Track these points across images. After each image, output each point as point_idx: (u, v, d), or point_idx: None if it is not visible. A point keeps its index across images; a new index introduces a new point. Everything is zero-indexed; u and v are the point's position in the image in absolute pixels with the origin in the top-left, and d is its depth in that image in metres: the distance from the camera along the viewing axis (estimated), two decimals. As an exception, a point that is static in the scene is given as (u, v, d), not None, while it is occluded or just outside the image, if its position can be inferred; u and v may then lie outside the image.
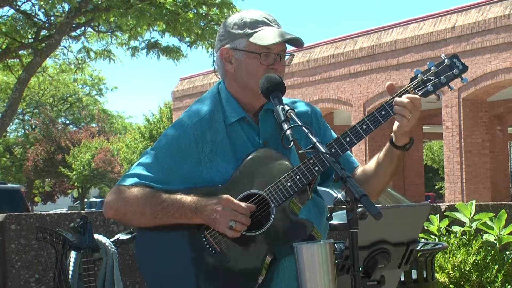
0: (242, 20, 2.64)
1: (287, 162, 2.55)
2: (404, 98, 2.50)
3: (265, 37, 2.58)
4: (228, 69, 2.66)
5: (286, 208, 2.51)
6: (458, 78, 2.57)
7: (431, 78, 2.54)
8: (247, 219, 2.46)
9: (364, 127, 2.52)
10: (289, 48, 2.71)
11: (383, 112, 2.53)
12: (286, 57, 2.65)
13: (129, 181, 2.59)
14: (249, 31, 2.61)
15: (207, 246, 2.52)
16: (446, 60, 2.56)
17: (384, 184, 2.68)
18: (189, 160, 2.58)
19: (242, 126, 2.64)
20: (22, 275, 5.44)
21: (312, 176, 2.51)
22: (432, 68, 2.55)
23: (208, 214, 2.48)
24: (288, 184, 2.49)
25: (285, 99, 2.72)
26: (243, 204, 2.47)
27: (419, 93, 2.54)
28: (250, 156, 2.57)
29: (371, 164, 2.68)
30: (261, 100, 2.63)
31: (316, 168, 2.50)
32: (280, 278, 2.58)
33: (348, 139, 2.53)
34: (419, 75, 2.55)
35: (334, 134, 2.74)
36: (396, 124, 2.56)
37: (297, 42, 2.62)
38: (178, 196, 2.52)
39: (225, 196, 2.48)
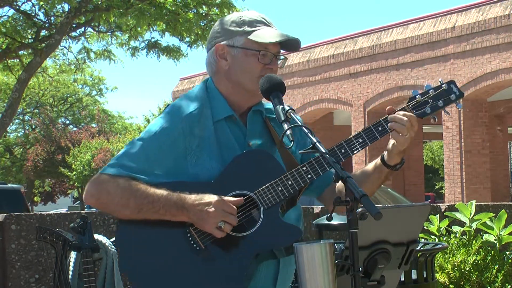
0: (240, 18, 2.65)
1: (278, 166, 2.55)
2: (401, 115, 2.52)
3: (265, 35, 2.59)
4: (222, 66, 2.65)
5: (275, 212, 2.51)
6: (454, 104, 2.62)
7: (429, 100, 2.58)
8: (236, 220, 2.46)
9: (360, 140, 2.54)
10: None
11: (379, 128, 2.55)
12: (280, 60, 2.66)
13: (114, 171, 2.53)
14: (248, 29, 2.62)
15: (192, 242, 2.50)
16: (444, 85, 2.61)
17: (369, 194, 2.68)
18: (176, 153, 2.55)
19: (229, 124, 2.62)
20: (22, 275, 5.45)
21: (304, 183, 2.51)
22: (430, 91, 2.59)
23: (196, 213, 2.46)
24: (279, 188, 2.50)
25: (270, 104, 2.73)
26: (232, 204, 2.46)
27: (417, 113, 2.57)
28: (241, 156, 2.56)
29: (358, 175, 2.68)
30: (250, 100, 2.64)
31: (309, 176, 2.51)
32: (255, 282, 2.55)
33: (343, 151, 2.54)
34: (417, 96, 2.59)
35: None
36: (391, 142, 2.57)
37: (295, 44, 2.63)
38: (165, 192, 2.49)
39: (216, 196, 2.47)
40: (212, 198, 2.47)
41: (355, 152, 2.54)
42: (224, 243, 2.48)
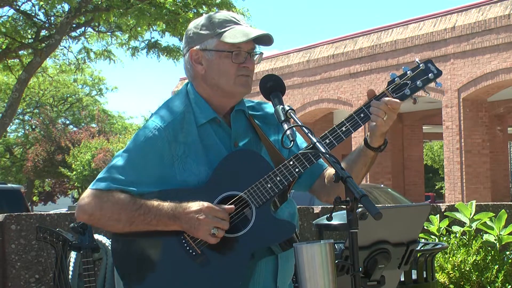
0: (210, 21, 2.64)
1: (265, 163, 2.55)
2: (382, 101, 2.55)
3: (236, 35, 2.58)
4: (198, 70, 2.64)
5: (266, 209, 2.51)
6: (433, 82, 2.62)
7: (408, 82, 2.59)
8: (227, 224, 2.47)
9: (344, 129, 2.55)
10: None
11: (362, 115, 2.57)
12: (256, 56, 2.65)
13: (103, 185, 2.53)
14: (219, 30, 2.61)
15: (187, 248, 2.50)
16: (421, 65, 2.61)
17: (359, 180, 2.67)
18: (163, 161, 2.55)
19: (213, 127, 2.62)
20: (22, 275, 5.45)
21: (292, 178, 2.52)
22: (408, 72, 2.60)
23: (188, 221, 2.46)
24: (269, 185, 2.50)
25: (254, 101, 2.74)
26: (222, 209, 2.46)
27: (396, 96, 2.58)
28: (227, 157, 2.55)
29: (345, 162, 2.67)
30: (231, 101, 2.64)
31: (297, 170, 2.51)
32: (255, 279, 2.56)
33: (328, 141, 2.54)
34: (396, 79, 2.59)
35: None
36: (372, 124, 2.58)
37: (266, 40, 2.62)
38: (155, 203, 2.49)
39: (206, 203, 2.47)
40: (201, 205, 2.46)
41: (340, 141, 2.55)
42: (220, 245, 2.48)
